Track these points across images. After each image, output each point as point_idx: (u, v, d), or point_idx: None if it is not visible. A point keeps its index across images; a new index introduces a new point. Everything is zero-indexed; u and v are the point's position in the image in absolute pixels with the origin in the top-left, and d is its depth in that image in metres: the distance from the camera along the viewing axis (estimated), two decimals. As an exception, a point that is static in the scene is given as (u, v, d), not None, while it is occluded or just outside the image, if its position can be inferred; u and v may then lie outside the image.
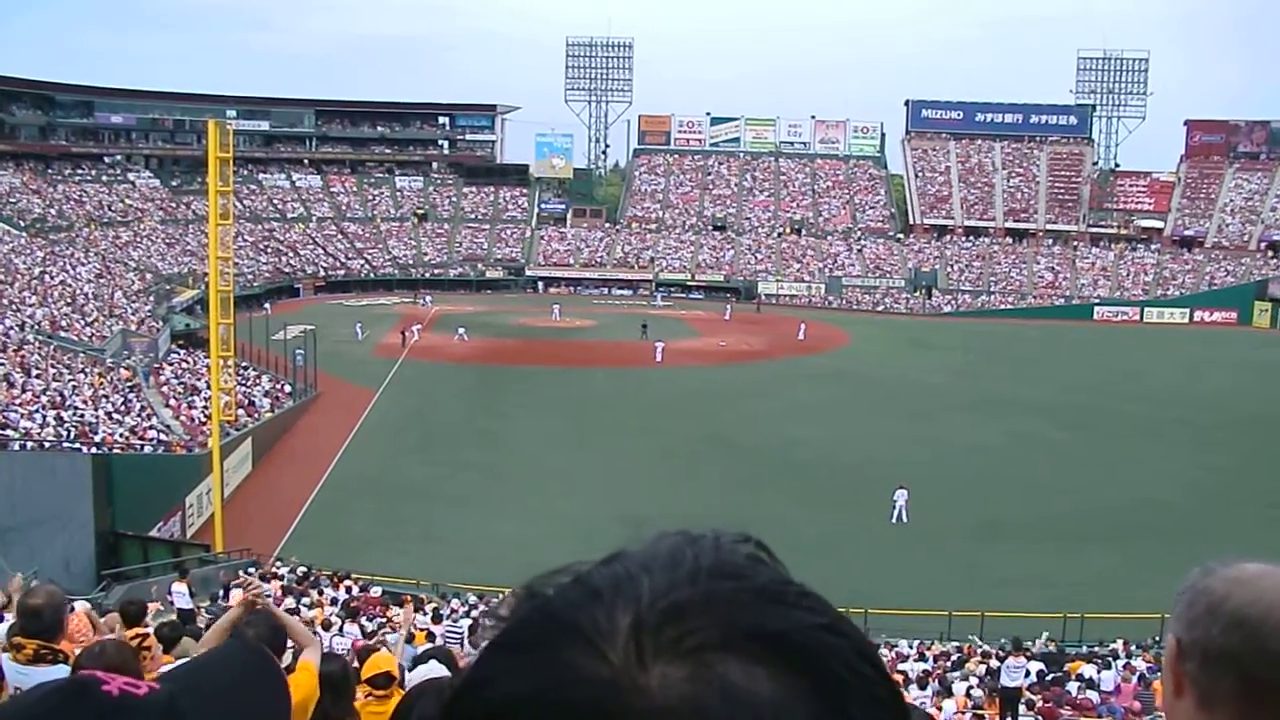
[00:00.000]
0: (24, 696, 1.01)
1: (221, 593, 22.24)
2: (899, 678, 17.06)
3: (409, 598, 20.45)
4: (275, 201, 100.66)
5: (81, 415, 33.73)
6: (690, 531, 0.84)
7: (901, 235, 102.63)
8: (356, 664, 7.89)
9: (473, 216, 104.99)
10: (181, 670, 1.23)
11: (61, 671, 4.43)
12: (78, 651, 4.87)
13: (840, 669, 0.74)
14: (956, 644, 23.39)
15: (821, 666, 0.73)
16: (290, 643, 5.23)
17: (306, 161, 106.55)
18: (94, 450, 29.61)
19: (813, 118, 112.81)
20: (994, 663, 19.57)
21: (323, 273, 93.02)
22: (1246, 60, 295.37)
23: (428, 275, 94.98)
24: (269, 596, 5.89)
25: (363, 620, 18.43)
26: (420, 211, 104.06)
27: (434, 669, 5.71)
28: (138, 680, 1.06)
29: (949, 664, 20.83)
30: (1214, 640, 1.39)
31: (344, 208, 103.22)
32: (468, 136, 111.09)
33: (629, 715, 0.71)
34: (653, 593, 0.76)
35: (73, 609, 13.55)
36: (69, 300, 52.12)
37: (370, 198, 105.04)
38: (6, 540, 22.81)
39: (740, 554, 0.81)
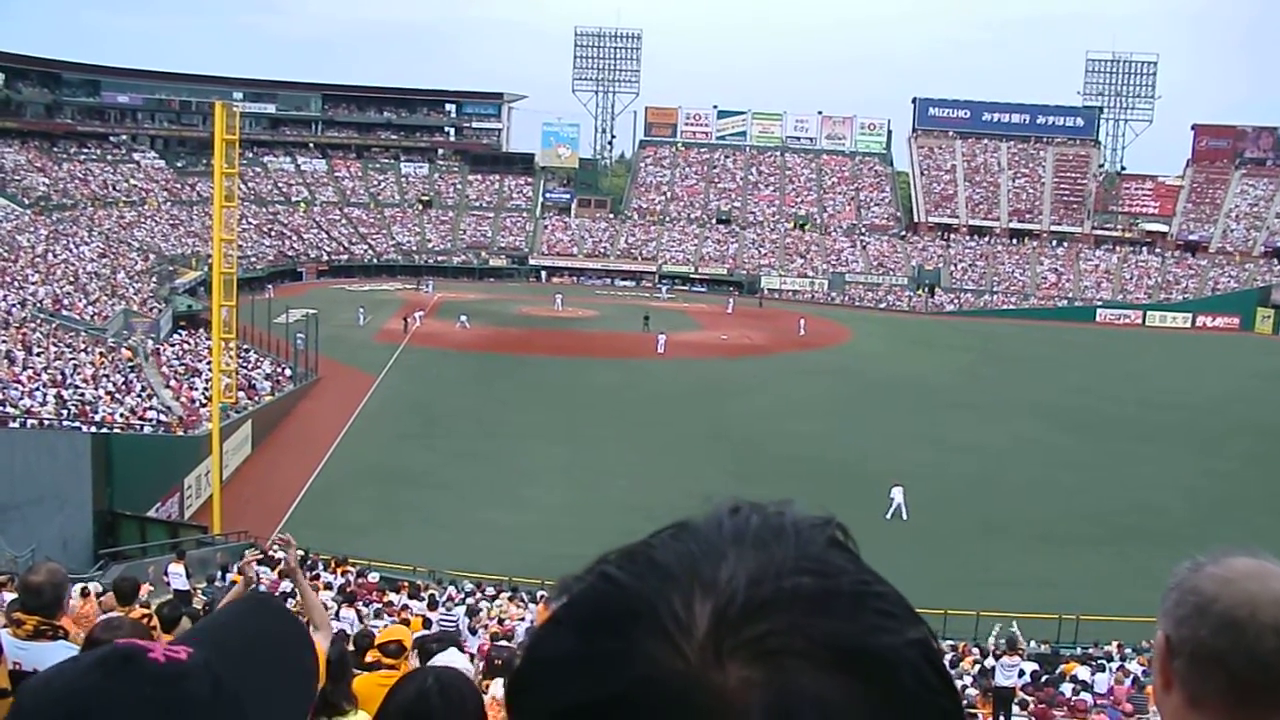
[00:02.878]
0: (69, 666, 1.01)
1: (219, 574, 22.29)
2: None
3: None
4: (280, 185, 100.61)
5: (82, 394, 33.75)
6: (763, 507, 0.82)
7: (906, 233, 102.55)
8: (353, 648, 7.91)
9: (477, 204, 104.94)
10: (203, 629, 1.22)
11: (62, 647, 4.45)
12: (81, 633, 4.88)
13: (910, 682, 0.73)
14: (952, 642, 23.41)
15: (894, 680, 0.72)
16: (303, 618, 5.23)
17: (312, 145, 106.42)
18: (93, 429, 29.61)
19: (820, 113, 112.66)
20: (989, 662, 19.60)
21: (326, 257, 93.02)
22: (1252, 65, 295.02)
23: (431, 262, 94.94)
24: (289, 556, 5.90)
25: (359, 605, 18.46)
26: (425, 198, 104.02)
27: (452, 657, 5.72)
28: (176, 646, 1.05)
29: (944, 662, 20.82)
30: (1202, 641, 1.40)
31: (349, 192, 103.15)
32: (474, 124, 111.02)
33: (703, 716, 0.69)
34: (733, 583, 0.73)
35: (86, 592, 13.57)
36: (72, 279, 52.15)
37: (375, 183, 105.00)
38: (5, 518, 22.87)
39: (820, 540, 0.79)
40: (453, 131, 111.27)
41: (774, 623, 0.71)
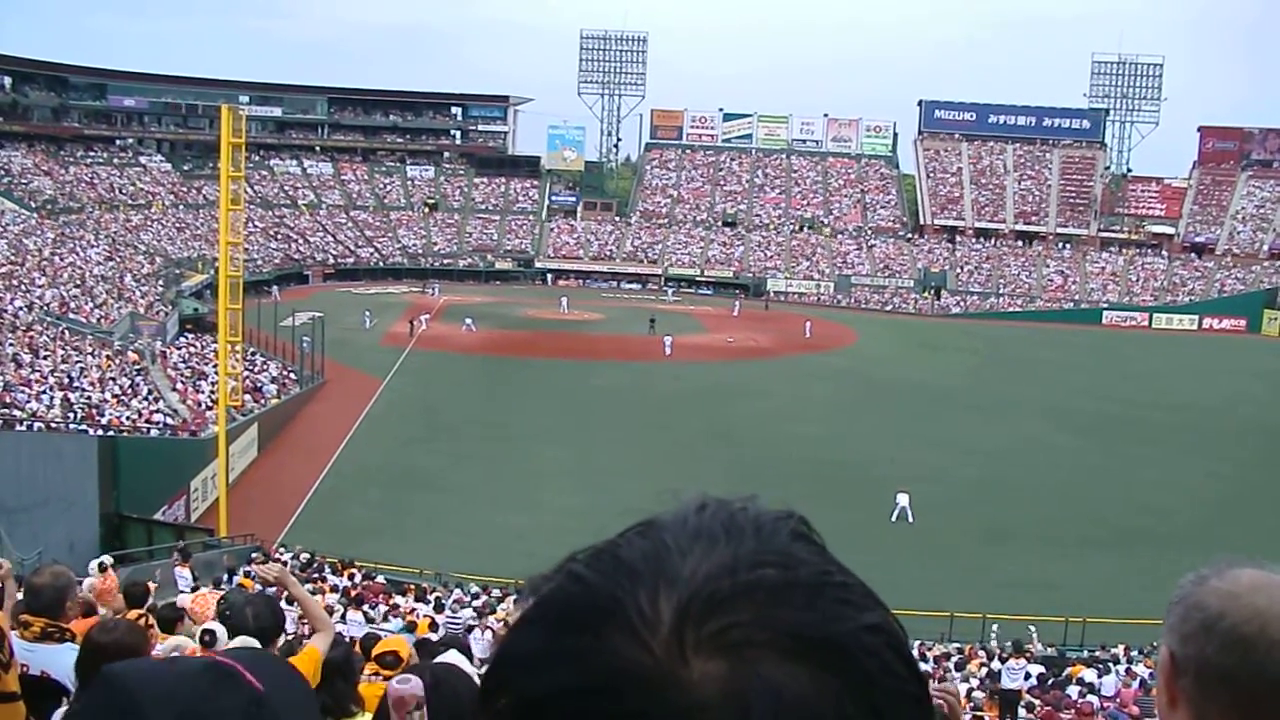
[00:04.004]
0: (175, 667, 1.07)
1: (225, 577, 22.29)
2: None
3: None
4: (286, 188, 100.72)
5: (88, 397, 33.81)
6: (728, 503, 0.83)
7: (912, 235, 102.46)
8: (359, 651, 7.92)
9: (483, 207, 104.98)
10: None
11: (68, 650, 4.45)
12: (104, 609, 4.89)
13: (874, 669, 0.74)
14: (958, 645, 23.39)
15: (857, 666, 0.73)
16: (305, 622, 5.24)
17: (318, 149, 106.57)
18: (100, 432, 29.67)
19: (825, 116, 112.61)
20: (995, 664, 19.57)
21: (332, 260, 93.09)
22: (1255, 66, 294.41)
23: (437, 265, 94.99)
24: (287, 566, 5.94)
25: (365, 608, 18.47)
26: (431, 201, 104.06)
27: (452, 658, 5.73)
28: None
29: (950, 665, 20.81)
30: (1209, 658, 1.36)
31: (355, 196, 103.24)
32: (480, 127, 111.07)
33: (670, 708, 0.70)
34: (694, 579, 0.75)
35: (104, 567, 13.56)
36: (78, 282, 52.22)
37: (381, 186, 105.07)
38: (12, 520, 22.86)
39: (782, 533, 0.80)
40: (458, 134, 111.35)
41: (736, 615, 0.73)
